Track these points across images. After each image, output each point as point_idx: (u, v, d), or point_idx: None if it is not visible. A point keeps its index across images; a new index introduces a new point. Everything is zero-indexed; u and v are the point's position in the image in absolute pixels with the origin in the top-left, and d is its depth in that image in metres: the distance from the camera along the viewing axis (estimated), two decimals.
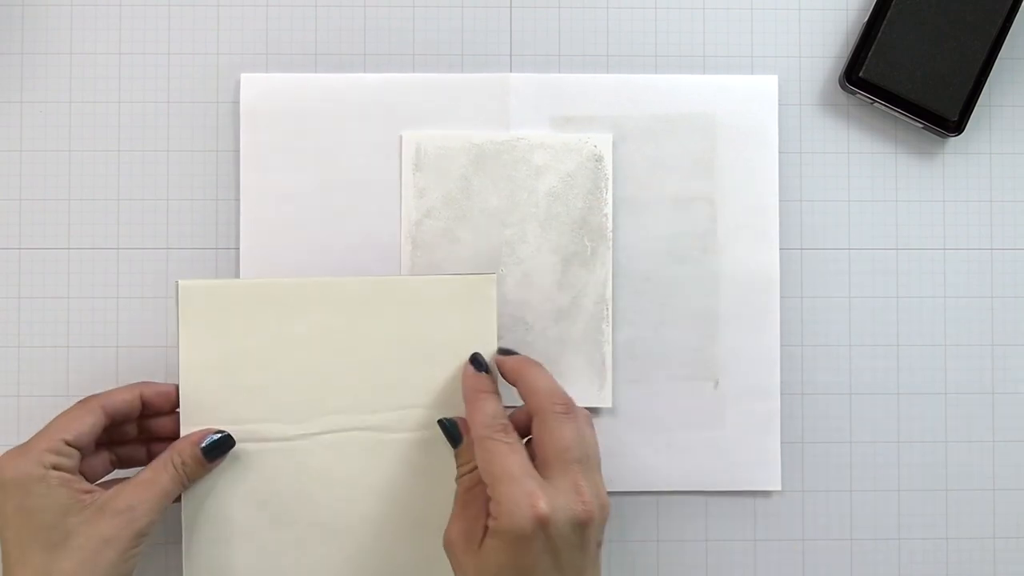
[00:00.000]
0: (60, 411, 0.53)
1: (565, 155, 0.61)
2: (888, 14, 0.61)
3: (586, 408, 0.53)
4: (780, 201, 0.61)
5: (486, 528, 0.49)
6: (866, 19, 0.61)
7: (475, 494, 0.51)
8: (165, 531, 0.60)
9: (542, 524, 0.47)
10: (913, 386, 0.62)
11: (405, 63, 0.62)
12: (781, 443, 0.61)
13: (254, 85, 0.61)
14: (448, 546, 0.51)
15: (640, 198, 0.61)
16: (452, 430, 0.54)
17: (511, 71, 0.62)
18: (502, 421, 0.51)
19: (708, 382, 0.61)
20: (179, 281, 0.55)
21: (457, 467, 0.54)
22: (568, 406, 0.51)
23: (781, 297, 0.61)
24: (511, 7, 0.62)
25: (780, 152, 0.62)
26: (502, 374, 0.55)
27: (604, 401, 0.60)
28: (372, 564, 0.56)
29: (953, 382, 0.62)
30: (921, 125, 0.62)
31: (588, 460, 0.51)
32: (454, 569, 0.51)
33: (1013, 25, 0.61)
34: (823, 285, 0.62)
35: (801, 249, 0.62)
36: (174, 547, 0.60)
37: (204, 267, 0.60)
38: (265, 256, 0.60)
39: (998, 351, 0.62)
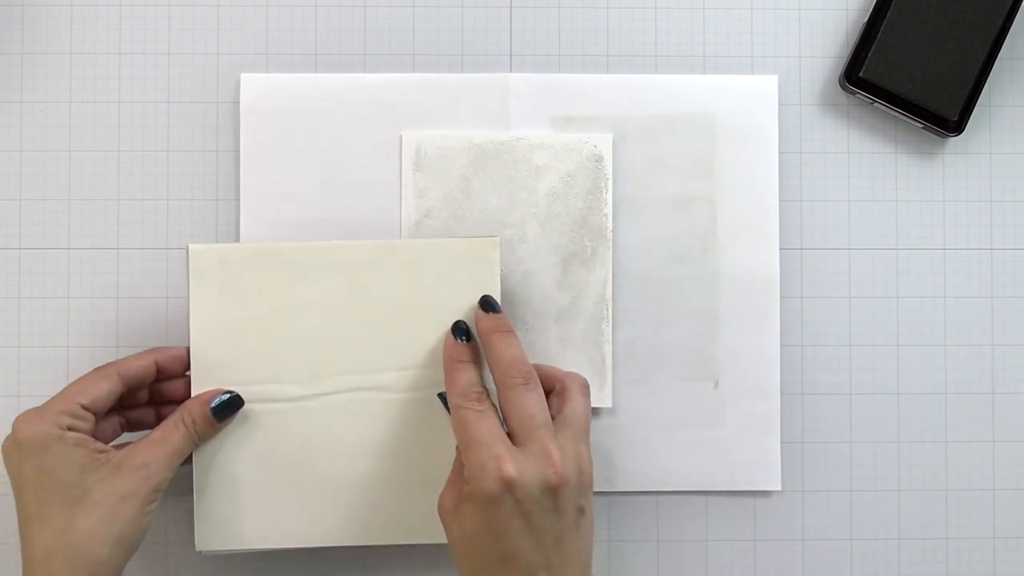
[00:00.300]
0: None
1: (565, 155, 0.61)
2: (888, 14, 0.61)
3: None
4: (780, 201, 0.61)
5: None
6: (866, 19, 0.61)
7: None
8: (166, 532, 0.60)
9: (508, 486, 0.48)
10: (913, 386, 0.62)
11: (405, 63, 0.62)
12: (781, 443, 0.61)
13: (254, 85, 0.61)
14: (440, 511, 0.52)
15: (640, 198, 0.61)
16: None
17: (511, 71, 0.62)
18: (476, 390, 0.52)
19: (708, 382, 0.61)
20: (189, 245, 0.56)
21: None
22: (527, 376, 0.52)
23: (781, 297, 0.61)
24: (511, 7, 0.62)
25: (780, 152, 0.62)
26: (477, 333, 0.56)
27: (604, 401, 0.60)
28: (376, 521, 0.57)
29: (953, 382, 0.62)
30: (921, 125, 0.62)
31: (570, 425, 0.52)
32: (446, 533, 0.52)
33: (1013, 25, 0.61)
34: (823, 285, 0.62)
35: (801, 249, 0.62)
36: (175, 547, 0.60)
37: None
38: None
39: (998, 351, 0.62)
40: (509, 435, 0.51)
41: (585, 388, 0.55)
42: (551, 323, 0.60)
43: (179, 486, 0.57)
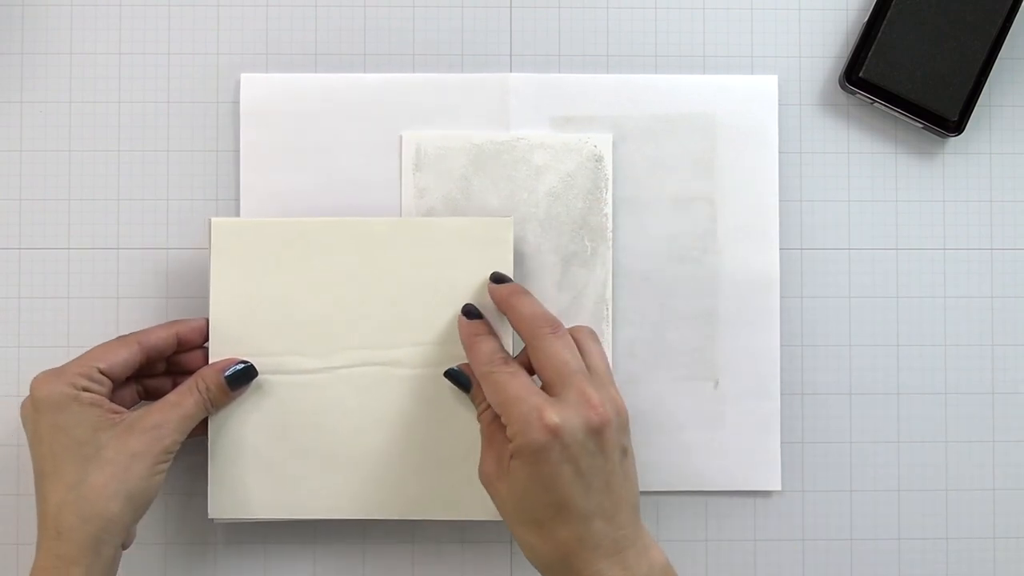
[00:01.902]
0: None
1: (565, 155, 0.61)
2: (888, 14, 0.61)
3: None
4: (780, 201, 0.61)
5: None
6: (866, 19, 0.61)
7: (496, 427, 0.53)
8: (165, 533, 0.60)
9: (554, 433, 0.49)
10: (913, 386, 0.62)
11: (405, 63, 0.62)
12: (781, 443, 0.61)
13: (254, 85, 0.61)
14: (483, 478, 0.53)
15: (640, 198, 0.61)
16: (459, 378, 0.57)
17: (511, 71, 0.62)
18: (501, 355, 0.54)
19: (708, 382, 0.61)
20: (211, 218, 0.57)
21: (476, 408, 0.56)
22: (556, 326, 0.53)
23: (781, 297, 0.61)
24: (511, 7, 0.62)
25: (780, 152, 0.62)
26: (495, 303, 0.56)
27: None
28: (385, 494, 0.58)
29: (953, 382, 0.62)
30: (921, 125, 0.62)
31: (595, 371, 0.53)
32: (492, 499, 0.52)
33: (1013, 25, 0.61)
34: (823, 285, 0.62)
35: (801, 249, 0.62)
36: (172, 547, 0.60)
37: (204, 267, 0.60)
38: None
39: (998, 351, 0.62)
40: (545, 387, 0.52)
41: (595, 335, 0.55)
42: None
43: (193, 455, 0.58)
